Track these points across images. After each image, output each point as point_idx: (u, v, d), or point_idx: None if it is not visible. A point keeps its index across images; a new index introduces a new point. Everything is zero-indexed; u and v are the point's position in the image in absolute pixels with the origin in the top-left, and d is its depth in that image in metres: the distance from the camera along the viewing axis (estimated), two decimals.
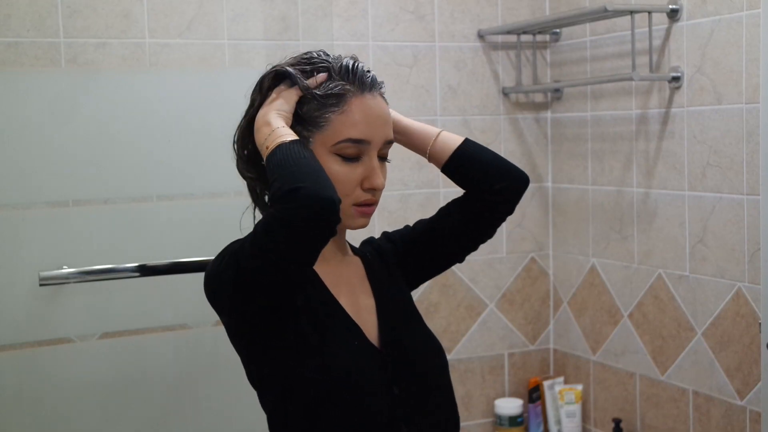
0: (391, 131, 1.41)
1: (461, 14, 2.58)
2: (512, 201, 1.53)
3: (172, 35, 2.17)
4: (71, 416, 2.10)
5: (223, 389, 2.19)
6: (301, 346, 1.34)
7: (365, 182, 1.37)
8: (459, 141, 1.52)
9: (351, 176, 1.36)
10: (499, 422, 2.65)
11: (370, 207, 1.40)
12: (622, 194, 2.46)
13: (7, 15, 2.04)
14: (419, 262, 1.57)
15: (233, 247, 1.32)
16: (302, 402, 1.33)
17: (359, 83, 1.37)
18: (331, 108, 1.35)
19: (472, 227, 1.54)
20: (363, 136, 1.36)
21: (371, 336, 1.40)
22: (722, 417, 2.18)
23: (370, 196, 1.38)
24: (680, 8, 2.20)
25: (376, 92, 1.40)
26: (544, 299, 2.76)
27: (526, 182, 1.54)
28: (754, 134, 2.04)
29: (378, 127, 1.38)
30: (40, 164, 2.05)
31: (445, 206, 1.57)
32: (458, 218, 1.53)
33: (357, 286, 1.46)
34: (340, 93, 1.36)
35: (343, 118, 1.35)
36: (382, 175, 1.39)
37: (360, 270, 1.49)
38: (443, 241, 1.55)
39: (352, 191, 1.36)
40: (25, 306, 2.06)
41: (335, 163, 1.35)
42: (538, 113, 2.71)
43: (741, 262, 2.10)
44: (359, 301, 1.44)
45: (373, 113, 1.37)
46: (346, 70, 1.38)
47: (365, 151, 1.37)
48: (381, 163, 1.40)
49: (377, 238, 1.60)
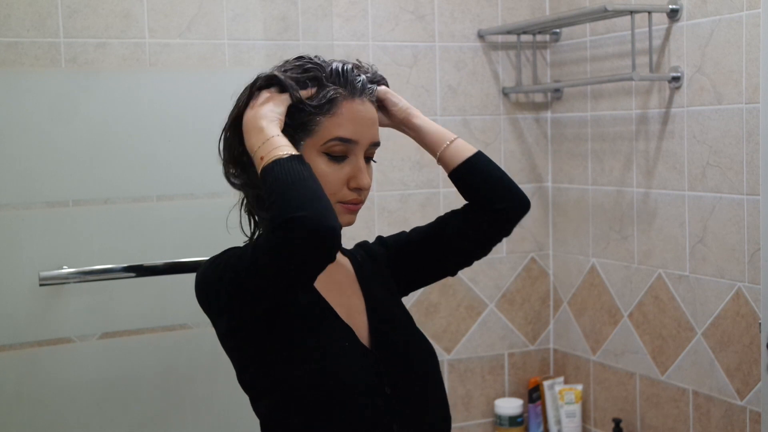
0: (378, 134, 1.42)
1: (461, 14, 2.58)
2: (510, 222, 1.53)
3: (172, 35, 2.17)
4: (71, 416, 2.10)
5: (223, 389, 2.18)
6: (291, 349, 1.35)
7: (351, 182, 1.38)
8: (472, 151, 1.52)
9: (338, 175, 1.37)
10: (499, 422, 2.65)
11: (356, 205, 1.40)
12: (622, 194, 2.46)
13: (7, 15, 2.04)
14: (411, 271, 1.57)
15: (230, 258, 1.32)
16: (295, 404, 1.34)
17: (350, 87, 1.38)
18: (324, 113, 1.36)
19: (467, 242, 1.54)
20: (351, 136, 1.37)
21: (362, 337, 1.41)
22: (722, 417, 2.18)
23: (356, 195, 1.39)
24: (680, 8, 2.20)
25: (366, 97, 1.40)
26: (544, 299, 2.76)
27: (527, 207, 1.54)
28: (754, 134, 2.04)
29: (366, 128, 1.39)
30: (40, 164, 2.05)
31: (443, 216, 1.57)
32: (454, 231, 1.53)
33: (347, 287, 1.47)
34: (332, 98, 1.37)
35: (334, 120, 1.36)
36: (368, 175, 1.39)
37: (349, 271, 1.50)
38: (436, 252, 1.55)
39: (338, 190, 1.37)
40: (25, 306, 2.06)
41: (323, 162, 1.36)
42: (538, 113, 2.71)
43: (741, 262, 2.10)
44: (349, 303, 1.44)
45: (361, 116, 1.39)
46: (338, 74, 1.38)
47: (352, 150, 1.38)
48: (367, 163, 1.41)
49: (371, 242, 1.60)
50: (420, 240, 1.55)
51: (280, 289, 1.26)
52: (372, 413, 1.36)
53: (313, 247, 1.20)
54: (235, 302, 1.30)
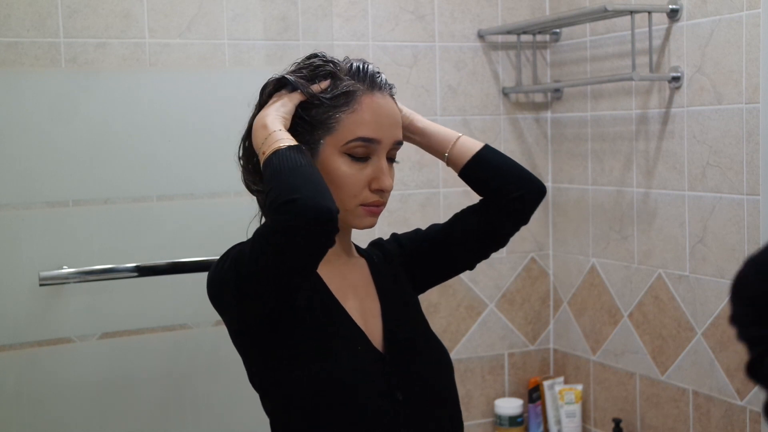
0: (400, 132, 1.40)
1: (461, 14, 2.58)
2: (528, 210, 1.52)
3: (172, 35, 2.17)
4: (71, 416, 2.10)
5: (223, 389, 2.19)
6: (303, 351, 1.33)
7: (373, 183, 1.35)
8: (479, 146, 1.51)
9: (359, 177, 1.34)
10: (499, 422, 2.64)
11: (378, 207, 1.38)
12: (622, 194, 2.46)
13: (7, 15, 2.04)
14: (428, 266, 1.55)
15: (233, 253, 1.31)
16: (303, 406, 1.32)
17: (369, 82, 1.36)
18: (342, 108, 1.34)
19: (485, 235, 1.52)
20: (374, 135, 1.34)
21: (375, 341, 1.39)
22: (722, 417, 2.18)
23: (377, 197, 1.36)
24: (680, 8, 2.20)
25: (387, 93, 1.38)
26: (544, 299, 2.76)
27: (543, 192, 1.52)
28: (754, 134, 2.04)
29: (388, 127, 1.36)
30: (40, 164, 2.05)
31: (460, 213, 1.55)
32: (472, 225, 1.52)
33: (362, 289, 1.44)
34: (350, 91, 1.34)
35: (354, 117, 1.34)
36: (390, 177, 1.37)
37: (365, 272, 1.47)
38: (455, 246, 1.53)
39: (360, 192, 1.35)
40: (25, 306, 2.05)
41: (344, 163, 1.34)
42: (538, 113, 2.71)
43: (741, 262, 2.08)
44: (364, 305, 1.42)
45: (383, 112, 1.36)
46: (357, 70, 1.37)
47: (374, 151, 1.35)
48: (389, 164, 1.39)
49: (386, 239, 1.58)
50: (437, 237, 1.54)
51: (282, 280, 1.23)
52: (381, 418, 1.34)
53: (310, 228, 1.18)
54: (241, 299, 1.28)
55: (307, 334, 1.33)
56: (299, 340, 1.33)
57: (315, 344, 1.33)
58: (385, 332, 1.40)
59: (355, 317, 1.39)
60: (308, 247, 1.20)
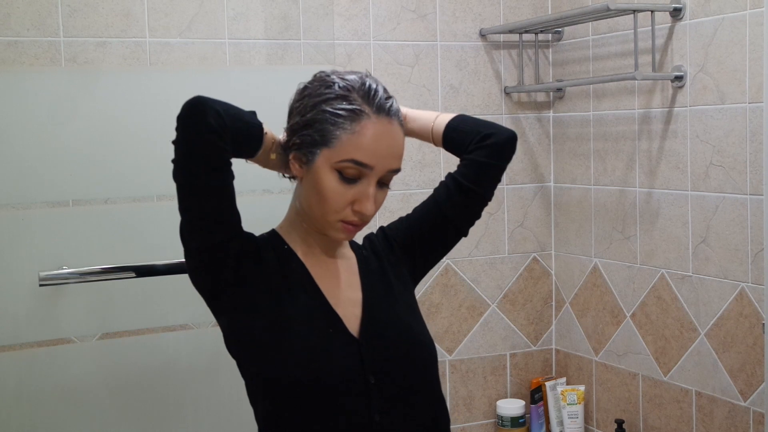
0: (398, 163, 1.41)
1: (463, 13, 2.57)
2: (504, 151, 1.55)
3: (172, 34, 2.17)
4: (71, 416, 2.10)
5: (224, 389, 2.19)
6: (277, 331, 1.37)
7: (356, 204, 1.37)
8: (452, 116, 1.57)
9: (344, 196, 1.37)
10: (501, 423, 2.64)
11: (356, 227, 1.41)
12: (624, 194, 2.45)
13: (7, 14, 2.03)
14: (427, 242, 1.57)
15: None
16: (276, 386, 1.36)
17: (377, 106, 1.36)
18: (343, 126, 1.35)
19: (469, 188, 1.54)
20: (367, 161, 1.36)
21: (351, 327, 1.41)
22: (725, 418, 2.17)
23: (357, 219, 1.39)
24: (683, 7, 2.19)
25: (394, 119, 1.39)
26: (546, 299, 2.75)
27: (514, 135, 1.56)
28: (757, 133, 2.03)
29: (385, 155, 1.37)
30: (40, 164, 2.05)
31: (440, 182, 1.59)
32: (455, 186, 1.55)
33: (345, 280, 1.47)
34: (355, 112, 1.35)
35: (353, 139, 1.35)
36: (374, 203, 1.38)
37: (352, 266, 1.50)
38: (445, 210, 1.55)
39: (341, 209, 1.37)
40: (25, 306, 2.05)
41: (333, 179, 1.36)
42: (541, 112, 2.70)
43: (744, 262, 2.09)
44: (344, 294, 1.45)
45: (383, 141, 1.37)
46: (368, 90, 1.37)
47: (366, 174, 1.37)
48: (380, 188, 1.40)
49: (374, 233, 1.60)
50: (426, 207, 1.58)
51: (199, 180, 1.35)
52: (350, 400, 1.36)
53: (185, 121, 1.38)
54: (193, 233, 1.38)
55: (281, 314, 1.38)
56: (274, 320, 1.37)
57: (288, 324, 1.38)
58: (362, 320, 1.43)
59: (333, 303, 1.42)
60: (187, 132, 1.37)
